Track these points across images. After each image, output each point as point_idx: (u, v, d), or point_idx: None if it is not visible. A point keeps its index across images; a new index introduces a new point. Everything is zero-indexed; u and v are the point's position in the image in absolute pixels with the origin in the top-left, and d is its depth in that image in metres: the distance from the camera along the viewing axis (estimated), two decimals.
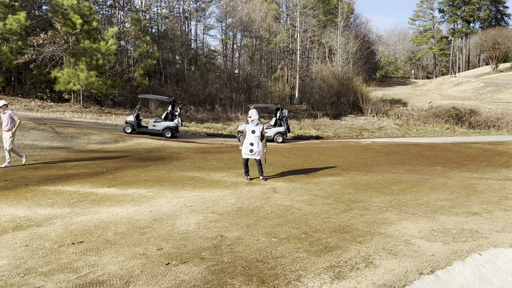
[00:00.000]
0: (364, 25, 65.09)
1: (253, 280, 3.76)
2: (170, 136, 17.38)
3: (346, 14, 52.14)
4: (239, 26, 47.05)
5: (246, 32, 47.05)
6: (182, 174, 9.99)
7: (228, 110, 31.24)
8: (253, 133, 8.90)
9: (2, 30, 21.33)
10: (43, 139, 13.27)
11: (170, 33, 39.53)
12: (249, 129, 8.98)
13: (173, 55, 40.71)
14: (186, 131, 20.67)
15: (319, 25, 50.45)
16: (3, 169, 9.66)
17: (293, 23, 49.76)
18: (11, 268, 4.05)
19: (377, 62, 71.66)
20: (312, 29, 49.58)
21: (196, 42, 48.51)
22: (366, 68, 51.49)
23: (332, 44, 48.07)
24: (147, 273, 3.91)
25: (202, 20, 48.78)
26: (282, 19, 54.38)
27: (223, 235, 5.11)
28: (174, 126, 17.60)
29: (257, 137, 8.89)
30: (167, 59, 38.97)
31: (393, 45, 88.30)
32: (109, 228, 5.39)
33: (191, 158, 12.67)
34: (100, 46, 21.76)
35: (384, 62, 76.74)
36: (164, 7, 45.25)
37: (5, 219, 5.80)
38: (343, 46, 46.18)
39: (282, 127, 18.54)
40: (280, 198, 7.34)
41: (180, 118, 17.98)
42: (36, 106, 21.06)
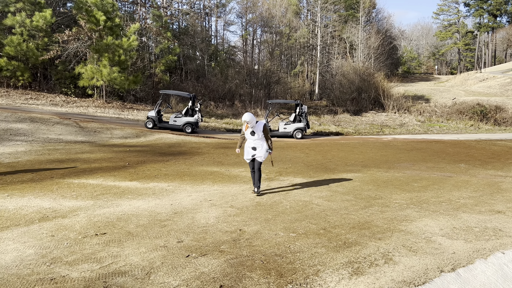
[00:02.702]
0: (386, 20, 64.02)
1: (271, 273, 3.80)
2: (191, 131, 17.55)
3: (368, 9, 51.35)
4: (259, 21, 46.94)
5: (266, 27, 46.90)
6: (202, 168, 10.09)
7: (247, 106, 31.30)
8: (253, 135, 7.02)
9: (29, 27, 21.91)
10: (68, 134, 13.61)
11: (191, 29, 39.79)
12: (247, 131, 7.10)
13: (194, 51, 40.96)
14: (206, 126, 20.83)
15: (340, 20, 49.88)
16: (30, 162, 9.96)
17: (314, 18, 49.36)
18: (37, 257, 4.19)
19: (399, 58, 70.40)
20: (333, 24, 49.06)
21: (216, 38, 48.69)
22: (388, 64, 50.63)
23: (353, 39, 47.45)
24: (167, 265, 3.99)
25: (223, 16, 48.89)
26: (302, 14, 54.02)
27: (242, 229, 5.16)
28: (194, 121, 17.76)
29: (258, 139, 7.03)
30: (188, 55, 39.25)
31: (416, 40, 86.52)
32: (131, 220, 5.51)
33: (211, 153, 12.78)
34: (123, 42, 22.10)
35: (406, 57, 75.35)
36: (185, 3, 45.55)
37: (32, 210, 6.00)
38: (365, 41, 45.54)
39: (301, 123, 18.47)
40: (298, 193, 7.34)
41: (200, 114, 18.13)
42: (60, 101, 21.59)
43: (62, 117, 15.77)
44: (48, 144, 12.14)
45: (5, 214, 5.76)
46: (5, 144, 11.44)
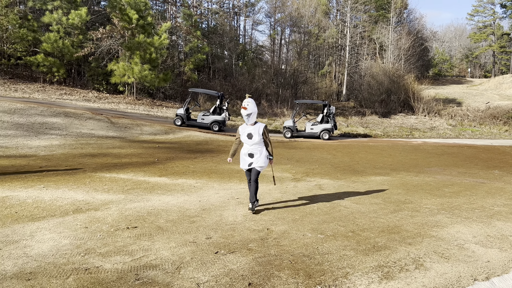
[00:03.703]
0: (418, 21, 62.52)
1: (299, 274, 3.79)
2: (218, 129, 17.71)
3: (399, 9, 50.32)
4: (288, 21, 46.81)
5: (294, 27, 46.72)
6: (229, 167, 10.17)
7: (274, 106, 31.28)
8: (250, 138, 5.72)
9: (65, 24, 22.64)
10: (99, 129, 13.98)
11: (220, 29, 40.10)
12: (243, 132, 5.81)
13: (222, 50, 41.27)
14: (232, 125, 20.96)
15: (370, 21, 49.12)
16: (64, 155, 10.30)
17: (343, 19, 48.81)
18: (72, 247, 4.34)
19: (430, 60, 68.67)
20: (362, 25, 48.38)
21: (244, 37, 48.86)
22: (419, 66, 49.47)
23: (383, 40, 46.63)
24: (197, 260, 4.05)
25: (251, 15, 49.01)
26: (332, 14, 53.51)
27: (269, 228, 5.18)
28: (222, 120, 17.92)
29: (256, 144, 5.74)
30: (216, 54, 39.57)
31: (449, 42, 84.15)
32: (161, 215, 5.62)
33: (238, 152, 12.82)
34: (154, 40, 22.52)
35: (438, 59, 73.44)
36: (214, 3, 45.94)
37: (66, 202, 6.20)
38: (395, 42, 44.66)
39: (328, 124, 18.32)
40: (326, 195, 7.29)
41: (228, 113, 18.27)
42: (93, 97, 22.20)
43: (94, 112, 16.22)
44: (81, 138, 12.51)
45: (41, 204, 5.99)
46: (41, 137, 11.87)
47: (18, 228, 4.90)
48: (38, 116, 13.82)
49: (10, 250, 4.19)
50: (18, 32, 22.42)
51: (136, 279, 3.59)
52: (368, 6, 48.66)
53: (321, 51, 50.05)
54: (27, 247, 4.30)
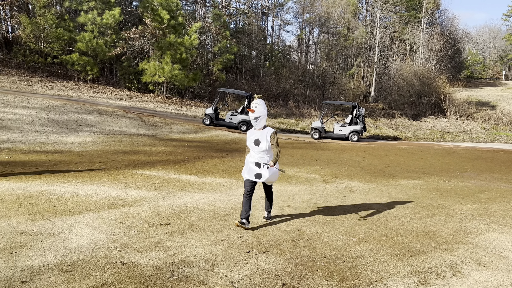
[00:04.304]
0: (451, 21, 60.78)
1: (333, 276, 3.77)
2: (246, 129, 17.80)
3: (431, 10, 49.07)
4: (317, 21, 46.49)
5: (323, 27, 46.35)
6: None
7: (301, 106, 31.15)
8: (257, 145, 5.00)
9: (99, 24, 23.29)
10: (131, 127, 14.30)
11: (248, 29, 40.26)
12: (250, 138, 5.09)
13: (249, 50, 41.42)
14: None
15: (401, 21, 48.15)
16: (97, 152, 10.59)
17: (373, 19, 48.06)
18: (109, 242, 4.46)
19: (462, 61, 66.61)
20: (393, 25, 47.48)
21: (272, 38, 48.86)
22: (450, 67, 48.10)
23: (414, 41, 45.61)
24: (230, 259, 4.08)
25: (279, 15, 48.96)
26: (361, 15, 52.78)
27: (300, 229, 5.16)
28: (249, 120, 17.98)
29: (264, 151, 5.01)
30: (243, 54, 39.77)
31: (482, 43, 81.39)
32: (193, 213, 5.70)
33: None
34: (184, 40, 22.85)
35: (470, 61, 71.16)
36: (243, 3, 46.18)
37: (101, 197, 6.38)
38: (426, 44, 43.62)
39: (358, 126, 18.10)
40: (357, 198, 7.21)
41: None
42: (124, 95, 22.74)
43: (126, 110, 16.60)
44: (113, 135, 12.83)
45: (77, 199, 6.18)
46: (76, 134, 12.25)
47: (57, 222, 5.08)
48: (72, 113, 14.26)
49: (50, 242, 4.35)
50: (55, 32, 23.23)
51: (171, 275, 3.65)
52: (399, 6, 47.68)
53: (349, 51, 49.45)
54: (66, 240, 4.45)
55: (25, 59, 23.94)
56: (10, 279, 3.46)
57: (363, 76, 48.06)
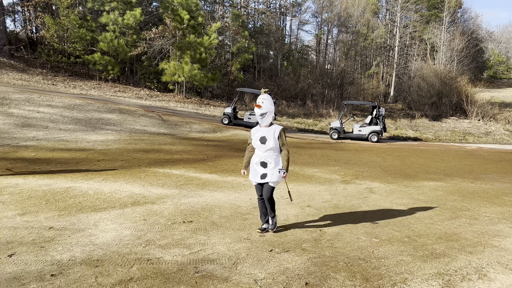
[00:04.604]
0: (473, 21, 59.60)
1: (356, 276, 3.76)
2: None
3: (453, 9, 48.13)
4: (335, 21, 46.16)
5: (342, 27, 45.99)
6: None
7: (319, 106, 30.99)
8: (263, 143, 4.64)
9: (120, 24, 23.67)
10: (151, 125, 14.50)
11: (266, 29, 40.27)
12: (255, 135, 4.72)
13: (267, 50, 41.42)
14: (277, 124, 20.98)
15: (422, 20, 47.38)
16: (119, 150, 10.77)
17: (393, 18, 47.44)
18: (133, 238, 4.55)
19: (485, 61, 65.17)
20: (413, 25, 46.76)
21: (290, 37, 48.75)
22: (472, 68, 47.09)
23: (435, 41, 44.83)
24: (252, 257, 4.12)
25: (298, 15, 48.82)
26: (381, 14, 52.17)
27: (322, 229, 5.16)
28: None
29: (271, 150, 4.64)
30: (261, 54, 39.79)
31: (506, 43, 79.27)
32: (214, 211, 5.76)
33: None
34: (204, 40, 23.02)
35: (493, 61, 69.51)
36: (261, 3, 46.20)
37: (124, 194, 6.50)
38: (447, 43, 42.81)
39: (378, 126, 17.92)
40: (378, 199, 7.15)
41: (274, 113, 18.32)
42: (145, 95, 23.05)
43: (146, 109, 16.83)
44: (134, 134, 13.03)
45: (101, 196, 6.32)
46: (98, 132, 12.49)
47: (83, 218, 5.21)
48: (95, 112, 14.54)
49: (77, 237, 4.47)
50: (78, 32, 23.72)
51: (195, 272, 3.71)
52: (420, 5, 46.92)
53: (368, 51, 48.94)
54: (92, 235, 4.56)
55: (49, 58, 24.51)
56: (40, 272, 3.57)
57: (382, 76, 47.47)
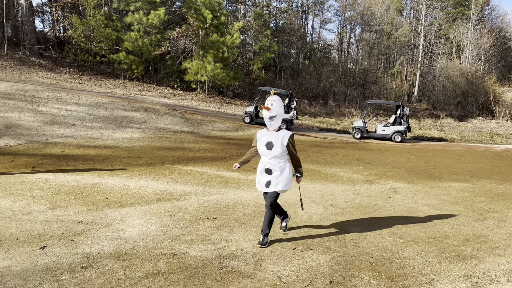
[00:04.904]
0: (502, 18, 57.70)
1: (381, 276, 3.74)
2: (285, 128, 17.79)
3: (481, 6, 46.84)
4: (358, 19, 45.63)
5: (365, 26, 45.43)
6: None
7: (341, 105, 30.72)
8: (270, 149, 4.27)
9: (145, 24, 24.05)
10: (175, 124, 14.70)
11: (288, 27, 40.17)
12: (261, 140, 4.36)
13: (289, 49, 41.31)
14: (299, 124, 20.94)
15: (447, 18, 46.31)
16: (144, 148, 10.97)
17: (418, 16, 46.52)
18: (159, 233, 4.64)
19: None
20: (438, 23, 45.74)
21: (312, 36, 48.48)
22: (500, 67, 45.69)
23: (461, 39, 43.74)
24: (276, 254, 4.14)
25: (320, 14, 48.51)
26: (405, 12, 51.27)
27: (345, 228, 5.14)
28: (289, 118, 17.97)
29: (277, 157, 4.29)
30: (283, 53, 39.72)
31: None
32: (237, 208, 5.81)
33: (306, 151, 12.83)
34: (226, 39, 23.15)
35: None
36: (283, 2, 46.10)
37: (149, 191, 6.63)
38: (474, 42, 41.70)
39: (401, 126, 17.64)
40: (402, 199, 7.06)
41: (296, 111, 18.29)
42: (168, 93, 23.37)
43: (169, 108, 17.07)
44: (158, 132, 13.24)
45: (128, 192, 6.46)
46: (123, 130, 12.74)
47: (110, 213, 5.34)
48: (120, 110, 14.84)
49: (105, 232, 4.59)
50: (104, 32, 24.23)
51: (220, 267, 3.76)
52: (446, 3, 45.88)
53: (392, 50, 48.17)
54: (119, 230, 4.67)
55: (75, 58, 25.13)
56: (71, 264, 3.69)
57: (406, 75, 46.66)
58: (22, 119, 11.91)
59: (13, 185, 6.51)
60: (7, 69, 20.47)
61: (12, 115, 12.07)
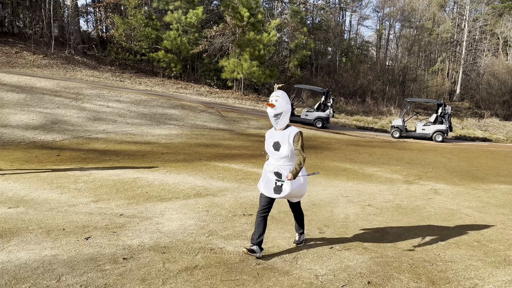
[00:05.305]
0: None
1: (421, 279, 3.64)
2: (321, 126, 17.63)
3: None
4: (398, 15, 44.40)
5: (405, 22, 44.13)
6: (334, 164, 10.08)
7: (379, 104, 30.03)
8: (277, 150, 3.85)
9: (183, 23, 24.50)
10: (211, 121, 14.90)
11: (325, 25, 39.69)
12: (269, 141, 3.97)
13: (326, 46, 40.82)
14: (335, 122, 20.67)
15: (494, 13, 44.16)
16: (182, 144, 11.19)
17: (461, 12, 44.67)
18: (197, 228, 4.72)
19: None
20: (484, 18, 43.71)
21: (349, 33, 47.65)
22: None
23: (509, 35, 41.61)
24: (312, 253, 4.12)
25: (358, 10, 47.60)
26: (448, 7, 49.39)
27: (384, 229, 5.04)
28: (326, 116, 17.79)
29: (285, 158, 3.84)
30: (319, 50, 39.29)
31: None
32: (273, 206, 5.80)
33: (342, 150, 12.66)
34: (263, 37, 23.19)
35: None
36: None
37: (187, 186, 6.76)
38: None
39: (443, 125, 17.04)
40: (443, 200, 6.83)
41: (332, 109, 18.08)
42: (205, 91, 23.71)
43: (206, 106, 17.32)
44: (195, 129, 13.47)
45: (166, 187, 6.62)
46: (162, 127, 13.06)
47: (150, 207, 5.49)
48: (158, 108, 15.21)
49: (145, 225, 4.73)
50: (144, 31, 24.89)
51: (257, 264, 3.78)
52: None
53: (433, 46, 46.55)
54: (159, 224, 4.80)
55: (117, 56, 25.98)
56: (113, 255, 3.83)
57: (447, 72, 44.95)
58: (67, 115, 12.46)
59: (59, 178, 6.82)
60: (54, 67, 21.46)
61: (58, 112, 12.65)
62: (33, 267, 3.46)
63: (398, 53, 44.67)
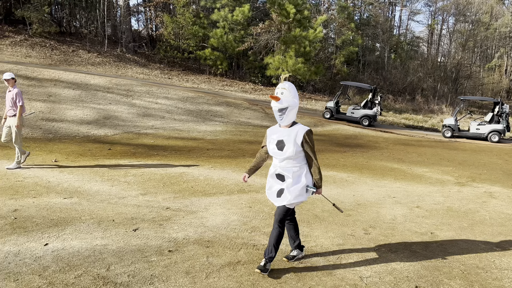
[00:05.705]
0: None
1: (474, 286, 3.45)
2: (367, 124, 17.20)
3: None
4: (452, 9, 42.31)
5: (460, 16, 41.96)
6: (381, 163, 9.80)
7: (430, 102, 28.83)
8: (281, 149, 3.38)
9: (230, 21, 24.76)
10: (255, 118, 14.98)
11: (373, 20, 38.61)
12: (271, 138, 3.50)
13: (374, 42, 39.72)
14: (383, 120, 20.08)
15: None
16: (226, 141, 11.33)
17: None
18: (240, 224, 4.76)
19: None
20: None
21: (399, 29, 46.04)
22: None
23: None
24: (357, 254, 4.02)
25: (408, 5, 45.84)
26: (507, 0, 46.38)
27: (433, 232, 4.82)
28: (373, 114, 17.32)
29: (289, 159, 3.40)
30: (367, 46, 38.29)
31: None
32: (317, 204, 5.74)
33: (389, 149, 12.28)
34: (309, 34, 22.96)
35: None
36: None
37: (231, 182, 6.83)
38: None
39: (499, 125, 16.06)
40: (499, 204, 6.44)
41: (380, 107, 17.57)
42: (249, 88, 23.87)
43: (250, 103, 17.42)
44: (239, 126, 13.59)
45: (211, 182, 6.72)
46: (207, 123, 13.29)
47: (195, 201, 5.60)
48: (204, 105, 15.49)
49: (190, 219, 4.83)
50: (191, 29, 25.43)
51: (299, 262, 3.75)
52: None
53: (490, 42, 43.96)
54: (203, 218, 4.88)
55: (166, 54, 26.73)
56: (159, 247, 3.93)
57: (505, 69, 42.30)
58: (118, 111, 12.99)
59: (110, 171, 7.13)
60: (106, 65, 22.46)
61: (110, 107, 13.22)
62: (85, 256, 3.63)
63: (451, 49, 42.59)
